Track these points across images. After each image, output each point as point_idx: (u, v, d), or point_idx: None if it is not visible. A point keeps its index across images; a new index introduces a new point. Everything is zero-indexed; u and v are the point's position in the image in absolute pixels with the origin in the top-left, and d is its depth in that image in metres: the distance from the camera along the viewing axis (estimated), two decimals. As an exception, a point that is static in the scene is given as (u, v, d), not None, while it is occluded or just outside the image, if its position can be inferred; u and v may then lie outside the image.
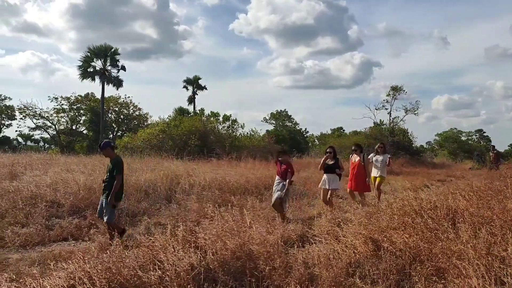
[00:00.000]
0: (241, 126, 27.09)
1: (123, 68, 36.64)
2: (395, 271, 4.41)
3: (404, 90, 31.54)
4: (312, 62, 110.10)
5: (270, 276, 4.29)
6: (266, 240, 4.85)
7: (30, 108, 39.37)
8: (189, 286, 4.00)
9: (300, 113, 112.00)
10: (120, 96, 41.59)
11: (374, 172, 9.96)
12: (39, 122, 40.58)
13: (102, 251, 4.99)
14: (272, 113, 50.87)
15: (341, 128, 53.52)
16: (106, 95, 37.67)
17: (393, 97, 31.22)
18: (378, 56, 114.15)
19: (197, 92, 45.53)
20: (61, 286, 3.87)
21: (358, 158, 9.05)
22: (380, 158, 10.03)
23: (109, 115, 41.75)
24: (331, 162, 8.44)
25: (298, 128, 49.16)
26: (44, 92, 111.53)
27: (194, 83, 45.22)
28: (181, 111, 37.65)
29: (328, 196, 8.29)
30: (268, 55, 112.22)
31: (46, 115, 40.12)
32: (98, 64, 35.67)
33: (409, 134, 31.31)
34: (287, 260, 4.63)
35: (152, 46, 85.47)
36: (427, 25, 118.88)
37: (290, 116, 50.36)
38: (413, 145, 31.76)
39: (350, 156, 9.36)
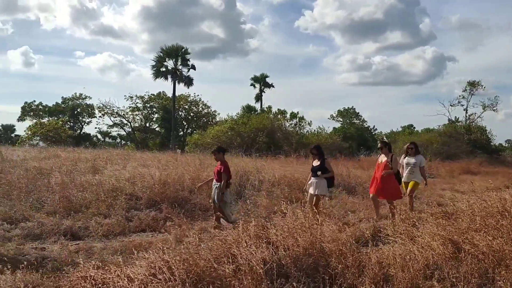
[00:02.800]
0: (308, 123, 26.97)
1: (193, 67, 38.05)
2: (476, 274, 4.18)
3: (482, 85, 29.49)
4: (381, 58, 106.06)
5: (343, 275, 4.22)
6: (338, 238, 4.78)
7: (108, 107, 42.27)
8: (262, 281, 4.05)
9: (368, 110, 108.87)
10: (190, 95, 43.23)
11: (406, 177, 8.41)
12: (116, 120, 43.48)
13: (179, 243, 5.23)
14: (339, 110, 49.95)
15: (412, 125, 51.11)
16: (177, 93, 39.34)
17: (469, 92, 29.30)
18: (452, 50, 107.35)
19: (264, 90, 45.98)
20: (143, 274, 4.08)
21: (385, 158, 7.90)
22: (412, 160, 8.44)
23: (180, 113, 43.50)
24: (316, 164, 7.57)
25: (366, 126, 47.75)
26: (120, 91, 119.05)
27: (261, 81, 45.69)
28: (248, 109, 38.27)
29: (314, 202, 7.32)
30: (334, 51, 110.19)
31: (122, 113, 42.87)
32: (169, 64, 37.36)
33: (487, 131, 29.24)
34: (360, 259, 4.53)
35: (220, 46, 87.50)
36: (505, 16, 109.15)
37: (358, 113, 49.09)
38: (491, 143, 29.60)
39: (378, 156, 8.22)
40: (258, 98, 45.73)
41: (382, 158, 7.95)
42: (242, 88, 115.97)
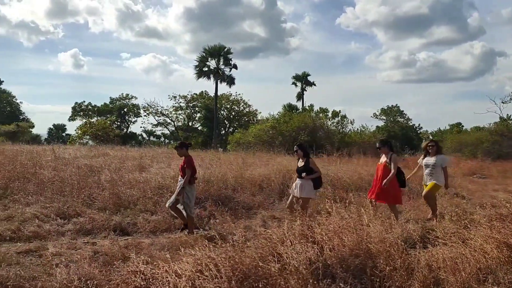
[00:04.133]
0: (351, 122, 26.49)
1: (235, 66, 38.43)
2: (534, 279, 3.92)
3: (536, 81, 27.64)
4: (426, 54, 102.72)
5: (391, 277, 4.09)
6: (385, 239, 4.64)
7: (153, 106, 43.54)
8: (308, 281, 3.99)
9: (412, 108, 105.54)
10: (231, 94, 43.66)
11: (424, 179, 7.65)
12: (160, 119, 44.74)
13: (224, 241, 5.26)
14: (382, 108, 48.80)
15: (460, 123, 49.00)
16: (219, 93, 39.83)
17: (523, 89, 27.61)
18: (502, 45, 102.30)
19: (305, 88, 45.68)
20: (190, 270, 4.13)
21: (385, 158, 7.16)
22: (431, 160, 7.50)
23: (222, 112, 44.04)
24: (301, 164, 7.07)
25: (411, 124, 46.29)
26: (164, 91, 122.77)
27: (302, 80, 45.44)
28: (290, 108, 38.18)
29: (300, 205, 6.88)
30: (377, 48, 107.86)
31: (166, 112, 44.02)
32: (212, 63, 37.92)
33: (543, 130, 27.39)
34: (408, 261, 4.37)
35: (261, 45, 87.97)
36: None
37: (402, 111, 47.70)
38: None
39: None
40: (300, 96, 45.51)
41: (383, 159, 7.25)
42: (283, 87, 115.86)
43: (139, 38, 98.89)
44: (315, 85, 46.16)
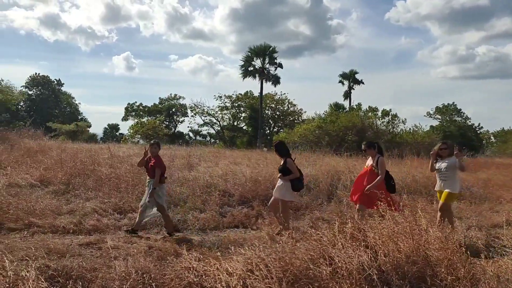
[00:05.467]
0: (402, 121, 25.60)
1: (280, 65, 38.37)
2: None
3: None
4: (486, 48, 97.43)
5: (453, 287, 3.89)
6: (446, 246, 4.43)
7: (199, 107, 44.41)
8: (362, 286, 3.90)
9: (471, 106, 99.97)
10: (276, 93, 43.65)
11: (437, 185, 6.79)
12: (206, 119, 45.53)
13: (273, 241, 5.26)
14: (437, 107, 46.77)
15: (528, 123, 45.88)
16: (264, 92, 39.95)
17: None
18: None
19: (353, 87, 44.75)
20: (240, 269, 4.16)
21: (372, 162, 6.67)
22: (444, 164, 6.64)
23: (266, 112, 44.14)
24: (280, 165, 6.75)
25: (470, 124, 43.95)
26: (210, 91, 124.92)
27: (350, 78, 44.55)
28: (336, 107, 37.60)
29: (280, 209, 6.58)
30: (430, 43, 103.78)
31: (212, 112, 44.73)
32: (257, 63, 38.11)
33: None
34: (473, 271, 4.14)
35: (306, 43, 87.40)
36: None
37: (460, 110, 45.39)
38: None
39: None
40: (347, 95, 44.64)
41: (369, 162, 6.75)
42: (329, 86, 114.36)
43: (186, 40, 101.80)
44: (363, 83, 45.16)
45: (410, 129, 25.75)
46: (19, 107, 41.03)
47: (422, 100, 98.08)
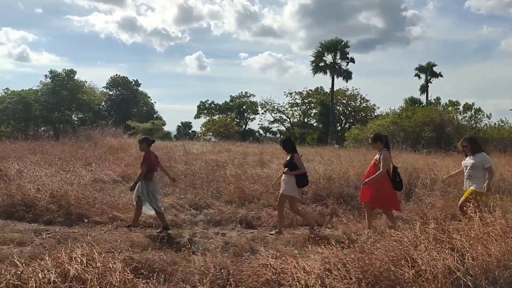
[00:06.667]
0: (487, 116, 23.67)
1: (352, 60, 37.41)
2: None
3: None
4: None
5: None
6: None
7: (269, 104, 44.67)
8: (450, 291, 3.65)
9: None
10: (347, 89, 42.58)
11: (465, 184, 6.35)
12: (276, 116, 45.69)
13: (349, 240, 5.11)
14: (525, 100, 42.61)
15: None
16: (335, 88, 39.18)
17: None
18: None
19: (430, 80, 42.25)
20: (318, 268, 4.09)
21: (377, 156, 6.42)
22: (470, 161, 6.20)
23: (337, 108, 43.26)
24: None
25: (562, 117, 39.60)
26: (279, 88, 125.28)
27: (427, 71, 42.05)
28: (412, 101, 35.79)
29: (286, 204, 6.65)
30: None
31: (282, 109, 44.80)
32: (328, 58, 37.48)
33: None
34: None
35: (378, 36, 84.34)
36: None
37: (550, 102, 41.03)
38: None
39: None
40: (424, 89, 42.21)
41: (377, 156, 6.45)
42: (403, 80, 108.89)
43: (256, 38, 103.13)
44: (441, 76, 42.42)
45: (495, 124, 23.78)
46: (101, 107, 44.17)
47: (507, 93, 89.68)
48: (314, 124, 45.41)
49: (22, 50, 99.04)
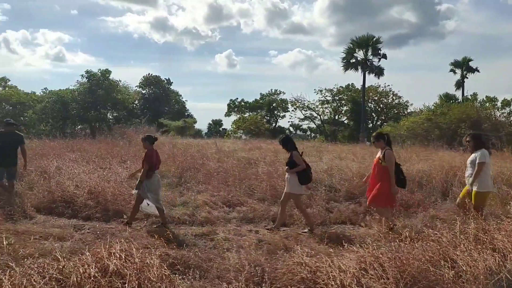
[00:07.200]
0: (528, 111, 22.67)
1: (385, 56, 36.60)
2: None
3: None
4: None
5: None
6: None
7: (300, 101, 44.39)
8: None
9: None
10: (379, 85, 41.74)
11: (467, 182, 6.28)
12: (306, 113, 45.34)
13: (387, 239, 5.02)
14: None
15: None
16: (366, 85, 38.46)
17: None
18: None
19: (466, 75, 40.77)
20: (353, 267, 4.04)
21: (380, 154, 6.35)
22: (470, 158, 6.25)
23: (369, 105, 42.49)
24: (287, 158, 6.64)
25: None
26: (309, 85, 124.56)
27: (463, 66, 40.59)
28: (447, 97, 34.66)
29: (288, 201, 6.80)
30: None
31: (312, 106, 44.41)
32: (359, 54, 36.83)
33: None
34: None
35: (411, 31, 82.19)
36: None
37: None
38: None
39: None
40: (459, 85, 40.80)
41: (379, 154, 6.42)
42: (437, 75, 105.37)
43: (286, 35, 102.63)
44: (478, 71, 40.83)
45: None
46: (135, 105, 45.14)
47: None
48: (345, 122, 44.78)
49: (58, 51, 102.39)
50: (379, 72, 36.78)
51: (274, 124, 47.88)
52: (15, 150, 7.83)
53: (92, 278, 3.57)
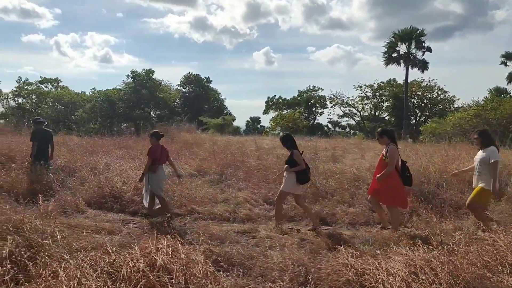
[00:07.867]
0: None
1: (429, 49, 35.23)
2: None
3: None
4: None
5: None
6: None
7: (338, 97, 43.67)
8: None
9: None
10: (423, 80, 40.28)
11: (474, 181, 6.09)
12: (346, 110, 44.56)
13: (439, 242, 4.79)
14: None
15: None
16: (409, 79, 37.19)
17: None
18: None
19: (520, 68, 38.45)
20: (402, 271, 3.88)
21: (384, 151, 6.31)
22: (478, 155, 6.07)
23: (412, 100, 41.13)
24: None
25: None
26: (348, 81, 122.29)
27: (516, 57, 38.38)
28: (498, 92, 32.92)
29: (276, 197, 6.69)
30: None
31: (352, 102, 43.57)
32: (402, 48, 35.68)
33: None
34: None
35: (457, 23, 78.99)
36: None
37: None
38: None
39: None
40: (511, 78, 38.66)
41: (384, 151, 6.35)
42: (487, 68, 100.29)
43: (324, 31, 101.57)
44: (532, 63, 38.49)
45: None
46: (176, 103, 46.08)
47: None
48: (386, 118, 43.58)
49: (105, 53, 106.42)
50: (423, 66, 35.45)
51: (312, 121, 47.43)
52: (48, 145, 8.92)
53: (141, 273, 3.64)
